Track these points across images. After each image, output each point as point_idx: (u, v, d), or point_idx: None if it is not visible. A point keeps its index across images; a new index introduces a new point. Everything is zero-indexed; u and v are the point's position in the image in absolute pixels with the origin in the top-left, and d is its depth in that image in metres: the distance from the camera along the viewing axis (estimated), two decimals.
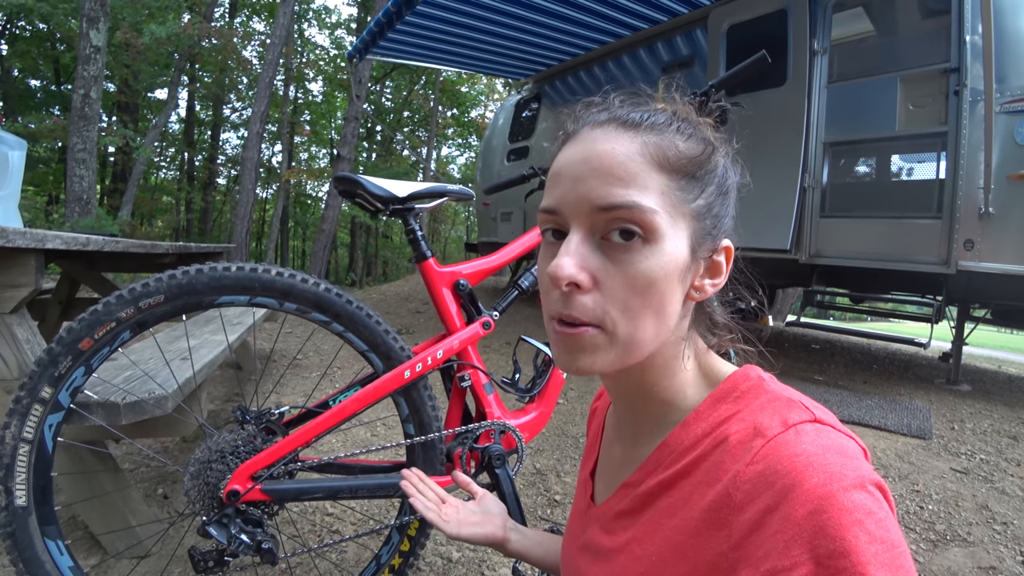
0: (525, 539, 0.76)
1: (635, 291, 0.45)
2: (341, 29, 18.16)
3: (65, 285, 2.72)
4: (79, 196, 7.10)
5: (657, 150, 0.46)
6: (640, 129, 0.47)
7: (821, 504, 0.36)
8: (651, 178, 0.45)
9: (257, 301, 1.03)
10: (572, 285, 0.45)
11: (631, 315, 0.45)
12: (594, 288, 0.45)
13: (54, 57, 13.65)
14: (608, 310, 0.45)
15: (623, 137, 0.46)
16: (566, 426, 2.38)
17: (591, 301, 0.45)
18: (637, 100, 0.52)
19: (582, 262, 0.45)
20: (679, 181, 0.46)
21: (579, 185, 0.46)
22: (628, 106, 0.51)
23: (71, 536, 1.42)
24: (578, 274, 0.45)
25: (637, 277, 0.44)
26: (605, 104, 0.52)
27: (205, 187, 18.78)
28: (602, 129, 0.48)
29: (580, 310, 0.45)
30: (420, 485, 0.81)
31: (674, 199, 0.46)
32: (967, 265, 2.72)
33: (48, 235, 1.27)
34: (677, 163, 0.46)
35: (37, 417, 0.95)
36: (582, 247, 0.46)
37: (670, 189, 0.46)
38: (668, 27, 4.34)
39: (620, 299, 0.45)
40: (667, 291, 0.46)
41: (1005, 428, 2.54)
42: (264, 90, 9.17)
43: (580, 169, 0.46)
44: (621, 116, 0.48)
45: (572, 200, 0.46)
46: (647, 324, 0.46)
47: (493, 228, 6.17)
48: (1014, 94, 2.62)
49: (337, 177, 1.18)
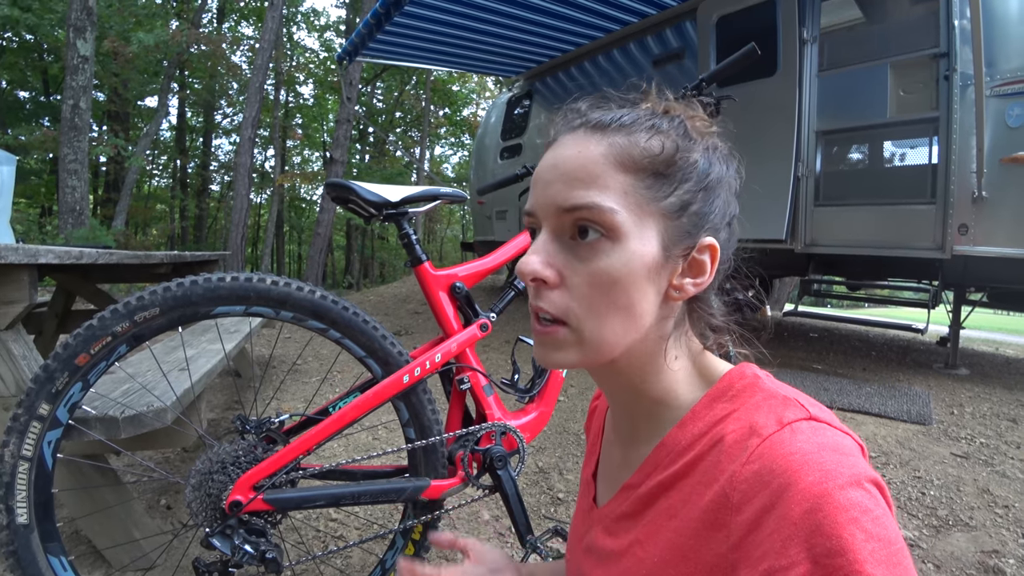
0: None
1: (598, 289, 0.46)
2: (330, 31, 18.12)
3: (61, 298, 2.71)
4: (72, 207, 7.07)
5: (621, 151, 0.47)
6: (608, 131, 0.48)
7: (817, 502, 0.36)
8: (613, 179, 0.46)
9: (253, 311, 1.03)
10: (539, 281, 0.48)
11: (595, 313, 0.47)
12: (560, 284, 0.48)
13: (42, 68, 13.58)
14: (572, 307, 0.47)
15: (591, 141, 0.48)
16: (567, 423, 2.39)
17: (557, 297, 0.48)
18: (606, 104, 0.53)
19: (548, 259, 0.48)
20: (645, 180, 0.47)
21: (548, 188, 0.49)
22: (598, 109, 0.52)
23: (75, 551, 1.41)
24: (543, 270, 0.47)
25: (600, 275, 0.46)
26: (579, 110, 0.53)
27: (199, 194, 18.73)
28: (572, 134, 0.50)
29: (548, 303, 0.48)
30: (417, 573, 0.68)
31: (640, 198, 0.47)
32: (962, 249, 2.73)
33: (41, 250, 1.26)
34: (642, 162, 0.47)
35: (36, 434, 0.95)
36: (549, 245, 0.49)
37: (635, 188, 0.47)
38: (658, 20, 4.34)
39: (584, 296, 0.47)
40: (633, 289, 0.46)
41: (1004, 411, 2.55)
42: (255, 95, 9.14)
43: (549, 174, 0.49)
44: (591, 120, 0.50)
45: (542, 203, 0.49)
46: (613, 322, 0.47)
47: (489, 227, 6.16)
48: (1004, 77, 2.62)
49: (329, 184, 1.18)
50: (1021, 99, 2.58)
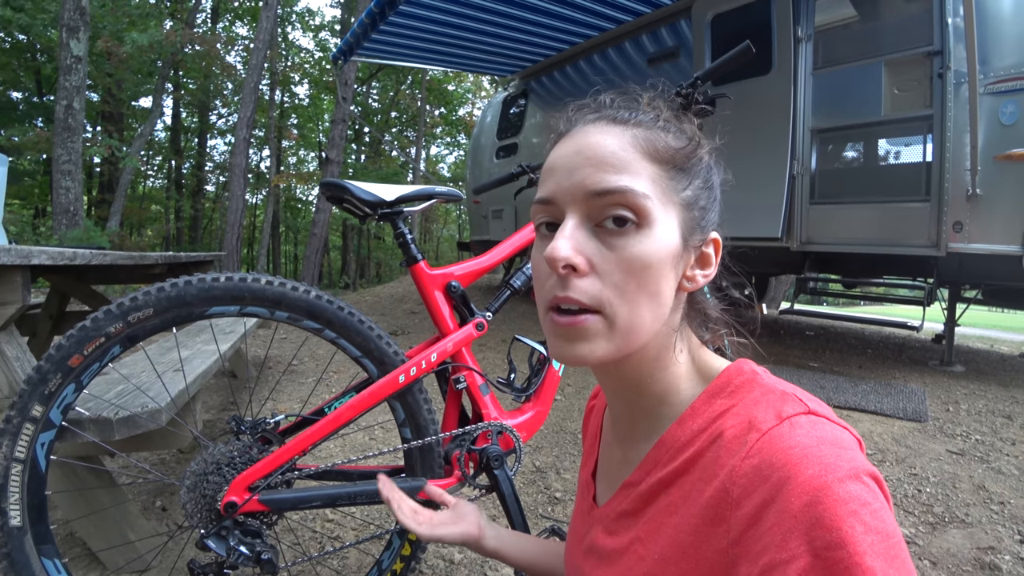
0: (501, 537, 0.77)
1: (631, 274, 0.46)
2: (325, 31, 18.08)
3: (55, 299, 2.70)
4: (66, 208, 7.03)
5: (647, 142, 0.48)
6: (629, 124, 0.49)
7: (817, 496, 0.36)
8: (642, 166, 0.47)
9: (248, 311, 1.03)
10: (569, 268, 0.46)
11: (628, 299, 0.46)
12: (591, 272, 0.46)
13: (35, 68, 13.49)
14: (606, 293, 0.46)
15: (614, 130, 0.49)
16: (564, 423, 2.39)
17: (589, 284, 0.46)
18: (625, 100, 0.54)
19: (578, 245, 0.46)
20: (668, 171, 0.48)
21: (573, 174, 0.48)
22: (617, 105, 0.53)
23: (69, 553, 1.41)
24: (574, 256, 0.45)
25: (632, 260, 0.45)
26: (595, 104, 0.54)
27: (194, 195, 18.67)
28: (593, 125, 0.50)
29: (579, 292, 0.46)
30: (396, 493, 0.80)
31: (664, 187, 0.48)
32: (957, 247, 2.74)
33: (34, 251, 1.25)
34: (666, 154, 0.48)
35: (29, 436, 0.94)
36: (577, 232, 0.47)
37: (660, 178, 0.48)
38: (653, 19, 4.34)
39: (617, 283, 0.46)
40: (661, 276, 0.47)
41: (999, 407, 2.57)
42: (250, 95, 9.10)
43: (574, 160, 0.48)
44: (610, 113, 0.51)
45: (567, 188, 0.48)
46: (643, 309, 0.46)
47: (485, 226, 6.16)
48: (997, 75, 2.63)
49: (324, 183, 1.17)
50: (1014, 96, 2.59)
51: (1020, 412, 2.50)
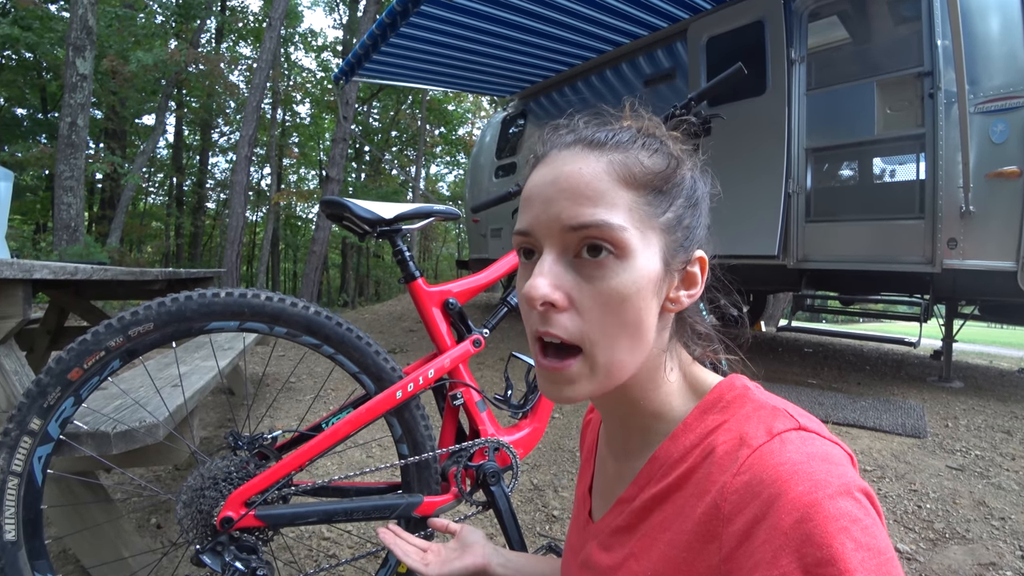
0: (508, 564, 0.76)
1: (609, 308, 0.46)
2: (327, 52, 18.34)
3: (54, 314, 2.70)
4: (67, 224, 7.07)
5: (623, 168, 0.47)
6: (605, 148, 0.48)
7: (807, 512, 0.36)
8: (618, 195, 0.46)
9: (247, 326, 1.03)
10: (548, 304, 0.46)
11: (608, 334, 0.46)
12: (570, 307, 0.46)
13: (40, 85, 13.66)
14: (586, 331, 0.46)
15: (589, 157, 0.48)
16: (562, 440, 2.38)
17: (568, 320, 0.46)
18: (601, 120, 0.53)
19: (556, 281, 0.46)
20: (646, 196, 0.48)
21: (549, 207, 0.47)
22: (593, 126, 0.52)
23: (63, 569, 1.39)
24: (552, 293, 0.46)
25: (611, 294, 0.45)
26: (571, 126, 0.53)
27: (194, 212, 18.74)
28: (569, 151, 0.49)
29: (559, 328, 0.46)
30: (399, 540, 0.80)
31: (643, 214, 0.47)
32: (952, 263, 2.76)
33: (36, 265, 1.26)
34: (643, 179, 0.47)
35: (26, 449, 0.94)
36: (555, 266, 0.47)
37: (638, 204, 0.47)
38: (649, 41, 4.42)
39: (596, 319, 0.46)
40: (642, 306, 0.46)
41: (998, 423, 2.56)
42: (252, 114, 9.21)
43: (549, 191, 0.48)
44: (587, 136, 0.50)
45: (544, 221, 0.48)
46: (623, 345, 0.47)
47: (484, 245, 6.19)
48: (987, 95, 2.68)
49: (324, 201, 1.19)
50: (1004, 116, 2.63)
51: (1019, 427, 2.50)
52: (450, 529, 0.84)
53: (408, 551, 0.77)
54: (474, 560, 0.75)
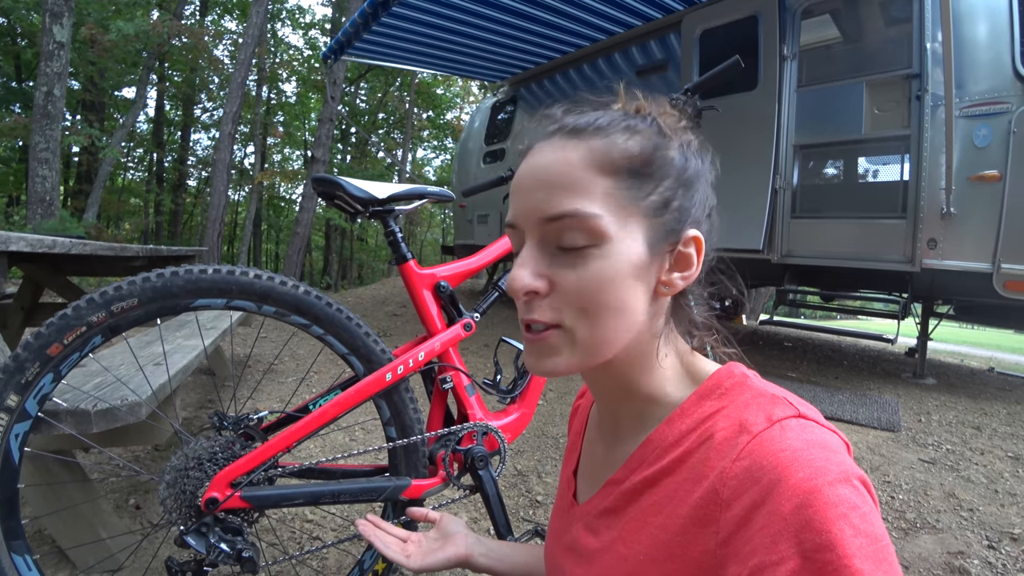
0: (491, 553, 0.76)
1: (587, 293, 0.46)
2: (315, 29, 17.94)
3: (28, 290, 2.62)
4: (42, 197, 6.86)
5: (601, 154, 0.47)
6: (584, 135, 0.48)
7: (807, 498, 0.36)
8: (595, 183, 0.46)
9: (235, 304, 1.01)
10: (531, 293, 0.48)
11: (587, 316, 0.47)
12: (552, 291, 0.48)
13: (15, 53, 13.16)
14: (564, 312, 0.47)
15: (568, 146, 0.48)
16: (546, 427, 2.39)
17: (549, 304, 0.48)
18: (581, 107, 0.52)
19: (536, 270, 0.48)
20: (627, 180, 0.47)
21: (529, 198, 0.49)
22: (574, 114, 0.51)
23: (39, 551, 1.37)
24: (534, 282, 0.47)
25: (589, 280, 0.46)
26: (552, 116, 0.53)
27: (175, 189, 18.30)
28: (549, 141, 0.50)
29: (540, 313, 0.48)
30: (378, 531, 0.79)
31: (622, 199, 0.47)
32: (931, 263, 2.82)
33: (12, 237, 1.22)
34: (622, 163, 0.47)
35: (3, 427, 0.92)
36: (536, 256, 0.48)
37: (617, 190, 0.47)
38: (642, 32, 4.40)
39: (574, 302, 0.47)
40: (624, 290, 0.47)
41: (969, 419, 2.64)
42: (236, 90, 8.99)
43: (529, 182, 0.49)
44: (567, 124, 0.50)
45: (524, 213, 0.49)
46: (607, 324, 0.47)
47: (470, 231, 6.16)
48: (972, 99, 2.73)
49: (316, 178, 1.17)
50: (988, 120, 2.68)
51: (988, 423, 2.58)
52: (430, 518, 0.84)
53: (388, 542, 0.76)
54: (456, 551, 0.74)
